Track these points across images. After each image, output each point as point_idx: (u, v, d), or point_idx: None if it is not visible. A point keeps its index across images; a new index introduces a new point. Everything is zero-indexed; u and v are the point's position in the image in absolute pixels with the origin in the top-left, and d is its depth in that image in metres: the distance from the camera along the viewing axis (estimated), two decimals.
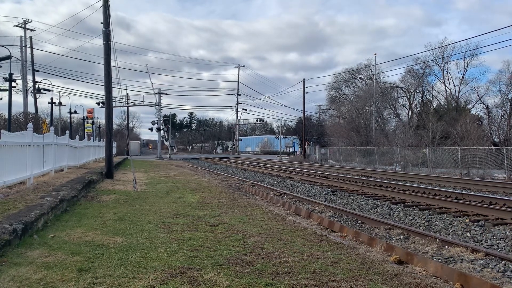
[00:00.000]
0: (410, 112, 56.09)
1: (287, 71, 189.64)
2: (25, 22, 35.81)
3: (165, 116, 70.06)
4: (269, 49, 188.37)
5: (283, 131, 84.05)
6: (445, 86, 52.59)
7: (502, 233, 7.58)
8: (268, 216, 8.40)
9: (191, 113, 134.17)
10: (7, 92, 20.10)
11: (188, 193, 12.29)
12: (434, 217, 9.33)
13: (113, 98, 18.21)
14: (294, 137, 78.00)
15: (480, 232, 7.84)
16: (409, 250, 6.16)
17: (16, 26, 35.87)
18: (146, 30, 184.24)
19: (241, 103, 68.12)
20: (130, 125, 76.53)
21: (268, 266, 4.75)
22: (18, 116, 25.40)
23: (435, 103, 54.46)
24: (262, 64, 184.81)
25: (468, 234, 7.79)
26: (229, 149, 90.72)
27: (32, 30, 36.26)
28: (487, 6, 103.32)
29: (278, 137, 77.21)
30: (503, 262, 5.69)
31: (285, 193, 13.40)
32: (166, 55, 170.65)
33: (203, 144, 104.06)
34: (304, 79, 51.51)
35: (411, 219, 9.38)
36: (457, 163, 25.07)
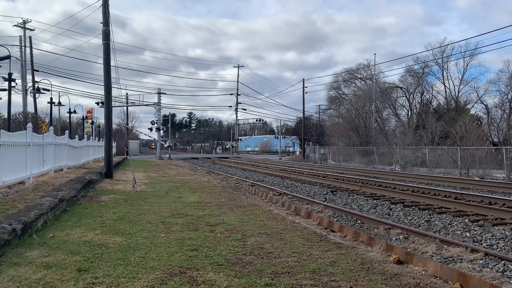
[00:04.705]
0: (409, 112, 56.11)
1: (286, 70, 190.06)
2: (24, 22, 35.78)
3: (164, 116, 70.12)
4: (267, 48, 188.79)
5: (283, 131, 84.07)
6: (445, 86, 52.63)
7: (502, 233, 7.58)
8: (268, 216, 8.40)
9: (190, 113, 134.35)
10: (7, 92, 20.07)
11: (188, 193, 12.29)
12: (433, 217, 9.33)
13: (112, 98, 18.19)
14: (294, 137, 78.02)
15: (479, 232, 7.84)
16: (409, 250, 6.16)
17: (15, 26, 35.88)
18: (142, 29, 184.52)
19: (240, 103, 68.12)
20: (130, 125, 76.49)
21: (267, 266, 4.75)
22: (18, 116, 25.39)
23: (434, 103, 54.49)
24: (260, 63, 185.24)
25: (468, 234, 7.79)
26: (227, 147, 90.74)
27: (31, 30, 36.28)
28: (487, 4, 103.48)
29: (277, 137, 77.20)
30: (502, 262, 5.69)
31: (284, 193, 13.39)
32: (163, 54, 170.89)
33: (203, 144, 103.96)
34: (303, 79, 51.54)
35: (411, 219, 9.38)
36: (456, 163, 25.08)
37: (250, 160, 46.34)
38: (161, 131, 49.80)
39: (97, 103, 44.47)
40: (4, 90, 24.55)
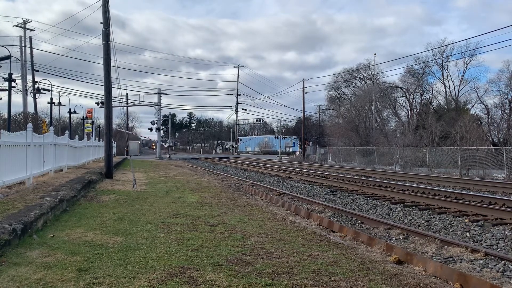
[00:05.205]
0: (409, 112, 56.13)
1: (286, 71, 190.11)
2: (24, 22, 35.78)
3: (164, 116, 70.10)
4: (266, 48, 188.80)
5: (283, 131, 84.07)
6: (445, 86, 52.66)
7: (502, 233, 7.58)
8: (268, 216, 8.41)
9: (190, 113, 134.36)
10: (7, 92, 20.08)
11: (188, 193, 12.29)
12: (433, 217, 9.33)
13: (112, 98, 18.19)
14: (294, 137, 78.03)
15: (479, 232, 7.85)
16: (409, 250, 6.16)
17: (15, 26, 35.88)
18: (142, 29, 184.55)
19: (240, 103, 68.10)
20: (130, 125, 76.50)
21: (267, 266, 4.75)
22: (18, 116, 25.42)
23: (434, 103, 54.50)
24: (260, 63, 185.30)
25: (468, 234, 7.79)
26: (227, 147, 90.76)
27: (31, 30, 36.29)
28: (487, 4, 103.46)
29: (277, 137, 77.23)
30: (502, 262, 5.69)
31: (284, 193, 13.39)
32: (163, 54, 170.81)
33: (203, 144, 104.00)
34: (303, 79, 51.54)
35: (411, 219, 9.38)
36: (456, 163, 25.08)
37: (250, 160, 46.35)
38: (161, 131, 49.81)
39: (97, 103, 44.50)
40: (4, 90, 24.57)
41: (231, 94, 68.85)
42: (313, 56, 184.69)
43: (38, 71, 36.20)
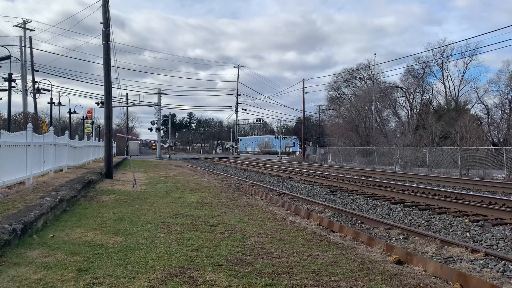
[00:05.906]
0: (409, 112, 56.12)
1: (286, 70, 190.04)
2: (24, 22, 35.80)
3: (164, 116, 70.12)
4: (266, 47, 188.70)
5: (283, 131, 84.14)
6: (445, 86, 52.68)
7: (502, 233, 7.58)
8: (268, 216, 8.41)
9: (190, 113, 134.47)
10: (7, 92, 20.09)
11: (188, 193, 12.29)
12: (433, 217, 9.33)
13: (112, 98, 18.19)
14: (294, 137, 78.08)
15: (479, 232, 7.84)
16: (409, 250, 6.16)
17: (15, 26, 35.90)
18: (141, 29, 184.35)
19: (240, 103, 68.10)
20: (130, 125, 76.51)
21: (267, 266, 4.75)
22: (18, 116, 25.43)
23: (434, 103, 54.51)
24: (260, 63, 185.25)
25: (468, 234, 7.79)
26: (227, 147, 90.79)
27: (31, 30, 36.29)
28: (487, 3, 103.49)
29: (277, 137, 77.23)
30: (502, 262, 5.69)
31: (284, 193, 13.39)
32: (162, 54, 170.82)
33: (203, 144, 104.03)
34: (303, 79, 51.55)
35: (411, 219, 9.38)
36: (456, 163, 25.09)
37: (250, 160, 46.34)
38: (161, 131, 49.82)
39: (97, 103, 44.49)
40: (4, 90, 24.56)
41: (231, 94, 68.90)
42: (313, 56, 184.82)
43: (38, 71, 36.23)
